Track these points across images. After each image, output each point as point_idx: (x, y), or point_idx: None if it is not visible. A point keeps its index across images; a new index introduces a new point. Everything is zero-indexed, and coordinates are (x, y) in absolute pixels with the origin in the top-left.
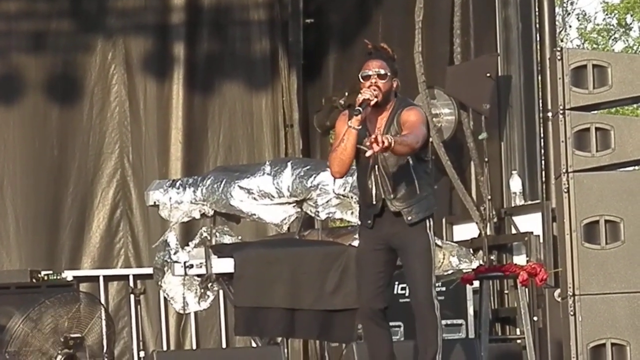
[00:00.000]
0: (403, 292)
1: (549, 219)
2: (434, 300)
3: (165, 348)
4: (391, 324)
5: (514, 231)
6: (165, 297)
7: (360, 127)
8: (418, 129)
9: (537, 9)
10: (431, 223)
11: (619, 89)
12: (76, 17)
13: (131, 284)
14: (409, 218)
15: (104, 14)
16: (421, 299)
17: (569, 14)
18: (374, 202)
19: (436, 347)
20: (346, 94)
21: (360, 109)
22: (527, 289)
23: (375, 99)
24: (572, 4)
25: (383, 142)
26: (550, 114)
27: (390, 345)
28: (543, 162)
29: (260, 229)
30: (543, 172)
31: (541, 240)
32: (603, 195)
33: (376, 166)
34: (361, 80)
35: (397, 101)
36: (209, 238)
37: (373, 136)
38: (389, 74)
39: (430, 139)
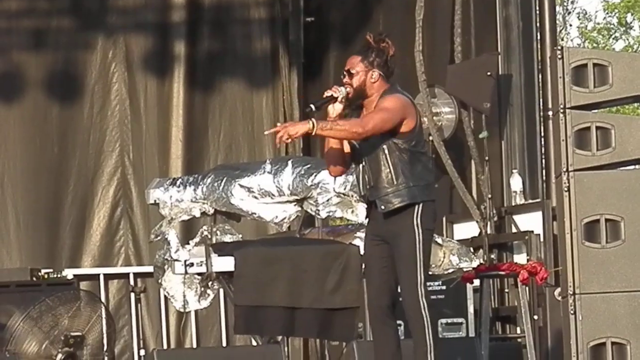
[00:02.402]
0: None
1: (549, 217)
2: (420, 299)
3: (165, 346)
4: None
5: (514, 230)
6: (165, 296)
7: None
8: (375, 114)
9: (537, 8)
10: (418, 220)
11: (620, 88)
12: (77, 15)
13: (131, 282)
14: (382, 207)
15: (105, 12)
16: (406, 300)
17: (570, 12)
18: (362, 193)
19: (425, 347)
20: None
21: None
22: (527, 288)
23: (340, 94)
24: (572, 2)
25: (288, 133)
26: (550, 113)
27: (394, 343)
28: (543, 160)
29: (261, 227)
30: (543, 171)
31: (541, 239)
32: (603, 194)
33: (363, 158)
34: None
35: (385, 91)
36: (209, 236)
37: (278, 127)
38: (356, 70)
39: (430, 137)
